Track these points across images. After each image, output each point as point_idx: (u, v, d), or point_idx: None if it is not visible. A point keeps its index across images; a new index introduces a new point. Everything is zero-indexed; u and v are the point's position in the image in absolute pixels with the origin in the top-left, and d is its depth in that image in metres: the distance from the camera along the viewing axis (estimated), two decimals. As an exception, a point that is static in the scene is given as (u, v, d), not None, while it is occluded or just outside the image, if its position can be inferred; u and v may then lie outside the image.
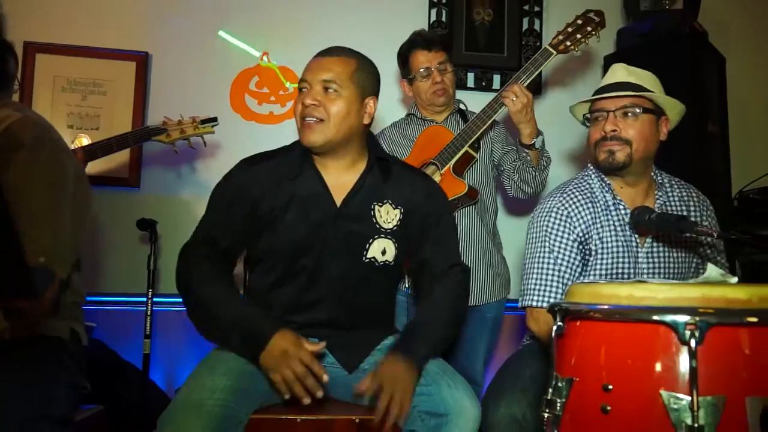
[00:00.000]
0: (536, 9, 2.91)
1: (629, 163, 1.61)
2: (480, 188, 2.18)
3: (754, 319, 0.90)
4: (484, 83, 2.87)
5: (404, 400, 1.33)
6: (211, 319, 1.42)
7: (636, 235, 1.64)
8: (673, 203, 1.70)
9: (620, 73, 1.68)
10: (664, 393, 0.91)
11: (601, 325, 1.00)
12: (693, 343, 0.89)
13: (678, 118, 1.70)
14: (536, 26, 2.91)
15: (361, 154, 1.60)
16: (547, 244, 1.63)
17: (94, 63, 2.63)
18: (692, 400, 0.88)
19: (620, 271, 1.60)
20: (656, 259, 1.61)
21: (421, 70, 2.17)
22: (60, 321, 1.45)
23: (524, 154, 2.06)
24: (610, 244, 1.63)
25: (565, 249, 1.62)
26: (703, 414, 0.88)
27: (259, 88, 2.82)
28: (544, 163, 2.09)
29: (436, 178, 2.08)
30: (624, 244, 1.63)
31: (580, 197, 1.67)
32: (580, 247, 1.63)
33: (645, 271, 1.60)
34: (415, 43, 2.20)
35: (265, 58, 2.82)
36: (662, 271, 1.62)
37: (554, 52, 2.01)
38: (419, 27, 2.83)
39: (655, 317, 0.92)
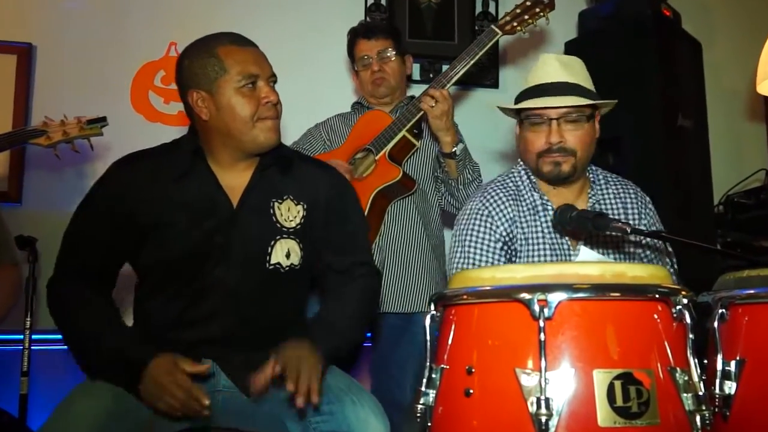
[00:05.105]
0: (490, -11, 3.30)
1: (574, 173, 1.92)
2: (420, 181, 2.51)
3: (604, 294, 1.21)
4: (432, 75, 3.22)
5: (312, 378, 1.55)
6: (87, 354, 1.67)
7: (567, 238, 1.95)
8: (607, 201, 2.02)
9: (553, 68, 1.90)
10: (517, 370, 1.20)
11: (468, 308, 1.31)
12: (542, 318, 1.18)
13: (607, 110, 2.01)
14: (491, 8, 3.29)
15: None
16: (468, 248, 1.93)
17: (-35, 57, 2.93)
18: (540, 375, 1.17)
19: None
20: None
21: (361, 58, 2.57)
22: None
23: (443, 165, 2.43)
24: (536, 247, 1.93)
25: (487, 251, 1.92)
26: (551, 388, 1.17)
27: (166, 84, 3.13)
28: (469, 176, 2.43)
29: (371, 164, 2.41)
30: (552, 247, 1.93)
31: (502, 195, 1.97)
32: (504, 247, 1.93)
33: None
34: (356, 32, 2.63)
35: (173, 48, 3.13)
36: None
37: (500, 33, 2.39)
38: (354, 11, 3.23)
39: (510, 295, 1.22)
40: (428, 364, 1.35)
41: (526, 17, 2.39)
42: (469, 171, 2.42)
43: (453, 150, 2.36)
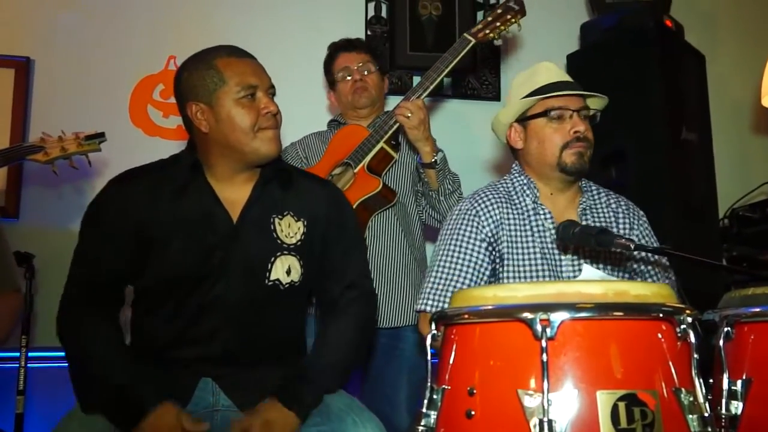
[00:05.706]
0: (491, 1, 3.31)
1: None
2: (400, 195, 2.53)
3: (607, 313, 1.21)
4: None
5: None
6: (88, 384, 1.66)
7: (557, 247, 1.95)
8: (597, 209, 2.04)
9: (555, 70, 2.03)
10: (520, 391, 1.20)
11: (470, 327, 1.31)
12: (545, 338, 1.18)
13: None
14: (492, 21, 3.30)
15: None
16: (451, 246, 1.95)
17: (-38, 71, 2.95)
18: (543, 397, 1.17)
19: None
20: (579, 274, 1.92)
21: (343, 69, 2.61)
22: None
23: (423, 177, 2.44)
24: (525, 251, 1.94)
25: (471, 250, 1.94)
26: (554, 410, 1.17)
27: (164, 97, 3.15)
28: (450, 187, 2.44)
29: (350, 178, 2.44)
30: (543, 251, 1.94)
31: (492, 198, 2.01)
32: (489, 248, 1.95)
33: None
34: (336, 47, 2.68)
35: (172, 62, 3.16)
36: None
37: (473, 40, 2.44)
38: (354, 23, 3.26)
39: (512, 315, 1.22)
40: (429, 384, 1.34)
41: (498, 24, 2.44)
42: (449, 181, 2.44)
43: (434, 159, 2.38)
